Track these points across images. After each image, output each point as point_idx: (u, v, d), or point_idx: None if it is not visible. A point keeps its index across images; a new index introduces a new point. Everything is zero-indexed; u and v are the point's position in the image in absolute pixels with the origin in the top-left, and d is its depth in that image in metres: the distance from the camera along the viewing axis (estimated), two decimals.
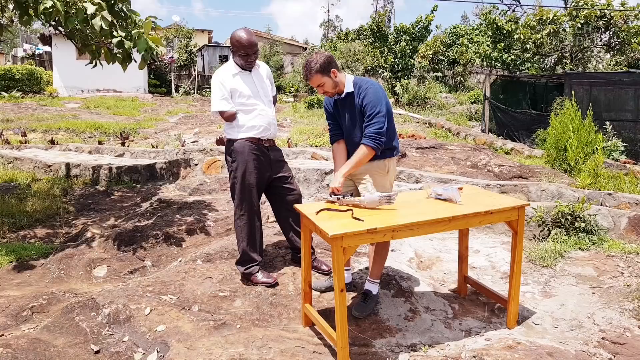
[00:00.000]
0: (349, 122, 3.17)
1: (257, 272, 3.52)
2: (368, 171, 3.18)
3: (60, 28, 4.86)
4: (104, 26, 4.12)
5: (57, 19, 4.39)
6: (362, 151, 3.01)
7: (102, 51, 4.84)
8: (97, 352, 2.77)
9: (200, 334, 2.94)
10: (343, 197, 2.96)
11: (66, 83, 21.63)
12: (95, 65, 4.95)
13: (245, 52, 3.38)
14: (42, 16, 4.29)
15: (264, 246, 3.88)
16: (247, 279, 3.53)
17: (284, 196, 3.64)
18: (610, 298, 3.44)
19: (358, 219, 2.62)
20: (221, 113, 3.46)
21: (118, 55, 4.65)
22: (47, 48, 25.39)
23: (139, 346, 2.83)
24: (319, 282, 3.49)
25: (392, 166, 3.26)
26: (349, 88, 3.09)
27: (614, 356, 2.70)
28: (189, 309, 3.20)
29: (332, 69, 3.04)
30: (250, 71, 3.52)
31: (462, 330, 3.10)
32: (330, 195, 3.02)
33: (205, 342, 2.86)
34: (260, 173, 3.49)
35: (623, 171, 8.14)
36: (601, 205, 5.29)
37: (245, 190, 3.46)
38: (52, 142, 10.02)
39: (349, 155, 3.23)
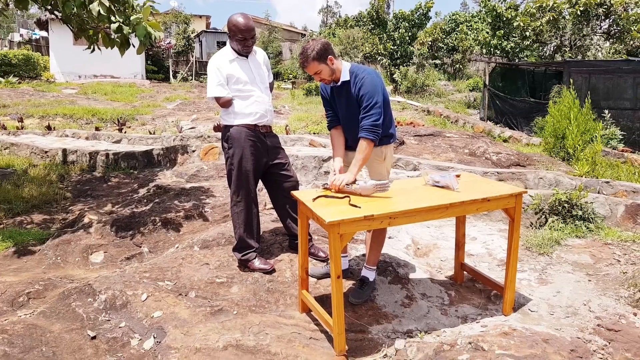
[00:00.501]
0: (345, 110, 3.15)
1: (254, 258, 3.52)
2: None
3: (56, 12, 4.80)
4: (101, 11, 4.07)
5: (53, 3, 4.33)
6: (363, 146, 2.97)
7: (100, 36, 4.79)
8: (94, 337, 2.78)
9: (197, 320, 2.95)
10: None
11: (63, 69, 21.47)
12: (93, 50, 4.90)
13: (242, 37, 3.33)
14: (39, 0, 4.24)
15: (261, 233, 3.88)
16: (244, 265, 3.53)
17: (280, 183, 3.62)
18: (606, 285, 3.45)
19: (355, 206, 2.61)
20: (217, 99, 3.43)
21: (116, 40, 4.60)
22: (43, 33, 25.16)
23: (136, 332, 2.84)
24: (316, 269, 3.49)
25: (389, 153, 3.24)
26: (345, 76, 3.05)
27: (609, 343, 2.71)
28: (185, 295, 3.20)
29: (329, 56, 2.99)
30: (247, 57, 3.48)
31: (458, 317, 3.11)
32: (329, 185, 2.98)
33: (202, 328, 2.87)
34: (257, 159, 3.47)
35: (621, 159, 8.15)
36: (598, 193, 5.30)
37: (242, 177, 3.44)
38: (48, 128, 9.96)
39: (346, 142, 3.22)
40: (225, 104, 3.43)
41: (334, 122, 3.28)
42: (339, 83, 3.08)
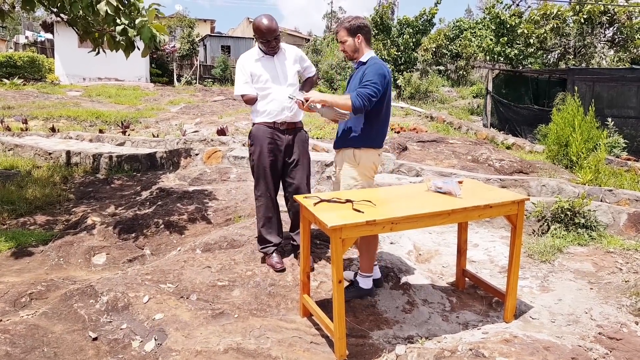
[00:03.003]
0: (350, 90, 3.23)
1: (272, 253, 3.63)
2: (341, 159, 3.28)
3: (62, 15, 4.83)
4: (109, 11, 4.10)
5: (60, 4, 4.35)
6: (345, 97, 3.05)
7: (105, 38, 4.82)
8: (95, 339, 2.78)
9: (198, 322, 2.95)
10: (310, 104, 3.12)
11: (68, 71, 21.57)
12: (98, 52, 4.93)
13: (265, 39, 3.44)
14: (45, 2, 4.26)
15: None
16: (263, 258, 3.67)
17: (285, 185, 3.71)
18: (608, 294, 3.44)
19: (358, 211, 2.62)
20: (242, 96, 3.59)
21: (121, 42, 4.63)
22: (49, 35, 25.29)
23: (137, 334, 2.84)
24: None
25: (366, 158, 3.21)
26: (364, 59, 3.20)
27: (610, 351, 2.71)
28: (187, 298, 3.20)
29: (359, 34, 3.17)
30: (273, 56, 3.57)
31: (460, 323, 3.11)
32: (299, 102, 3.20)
33: (203, 330, 2.87)
34: (274, 156, 3.57)
35: (624, 168, 8.14)
36: (601, 201, 5.29)
37: (260, 173, 3.59)
38: (52, 129, 10.01)
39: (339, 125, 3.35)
40: (249, 101, 3.58)
41: None
42: (357, 64, 3.25)
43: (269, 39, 3.43)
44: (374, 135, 3.20)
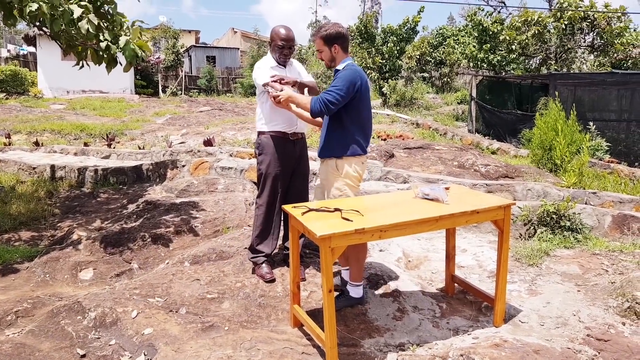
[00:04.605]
0: None
1: (262, 263, 3.62)
2: (325, 170, 3.30)
3: (45, 29, 4.80)
4: (90, 29, 4.09)
5: (41, 19, 4.33)
6: (308, 99, 3.15)
7: (89, 52, 4.80)
8: (83, 356, 2.74)
9: (188, 336, 2.92)
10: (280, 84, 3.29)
11: (51, 84, 21.36)
12: (82, 66, 4.90)
13: (280, 45, 3.51)
14: (28, 17, 4.23)
15: None
16: (252, 269, 3.67)
17: (287, 195, 3.70)
18: (595, 295, 3.48)
19: (347, 219, 2.63)
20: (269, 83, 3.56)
21: (104, 56, 4.61)
22: (31, 49, 25.04)
23: (126, 349, 2.81)
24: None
25: (349, 167, 3.20)
26: (340, 67, 3.22)
27: (599, 352, 2.74)
28: (176, 312, 3.17)
29: (335, 45, 3.18)
30: (285, 67, 3.64)
31: (450, 329, 3.12)
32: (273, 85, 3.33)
33: (193, 344, 2.85)
34: (283, 167, 3.59)
35: (607, 170, 8.27)
36: (586, 204, 5.36)
37: (267, 183, 3.59)
38: (36, 143, 9.90)
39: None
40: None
41: None
42: (334, 71, 3.28)
43: (284, 45, 3.52)
44: (353, 143, 3.18)
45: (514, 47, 16.08)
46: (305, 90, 3.59)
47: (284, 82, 3.39)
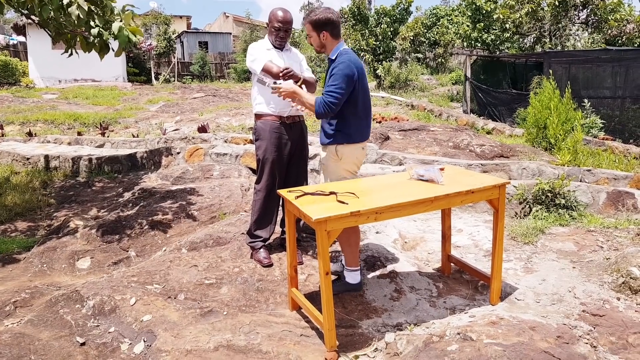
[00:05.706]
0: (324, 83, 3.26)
1: (259, 248, 3.63)
2: (325, 156, 3.28)
3: (33, 17, 4.73)
4: (81, 15, 4.02)
5: (30, 7, 4.26)
6: (313, 99, 3.09)
7: (78, 40, 4.73)
8: (83, 344, 2.76)
9: (187, 322, 2.94)
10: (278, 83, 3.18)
11: (42, 74, 21.14)
12: (71, 54, 4.84)
13: (277, 27, 3.47)
14: (16, 4, 4.17)
15: None
16: (250, 254, 3.69)
17: (285, 179, 3.68)
18: (590, 272, 3.52)
19: (342, 202, 2.63)
20: (264, 69, 3.47)
21: (95, 44, 4.55)
22: (21, 38, 24.68)
23: (126, 336, 2.82)
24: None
25: (349, 153, 3.20)
26: (332, 55, 3.17)
27: (594, 328, 2.77)
28: (174, 298, 3.19)
29: (324, 31, 3.12)
30: (282, 50, 3.60)
31: (447, 308, 3.15)
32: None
33: (192, 329, 2.87)
34: (280, 151, 3.56)
35: (602, 147, 8.29)
36: (580, 181, 5.38)
37: (265, 168, 3.58)
38: (30, 134, 9.83)
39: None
40: (270, 70, 3.43)
41: None
42: (328, 59, 3.24)
43: (280, 27, 3.47)
44: (353, 130, 3.17)
45: (507, 25, 15.98)
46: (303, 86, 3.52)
47: (290, 75, 3.31)
